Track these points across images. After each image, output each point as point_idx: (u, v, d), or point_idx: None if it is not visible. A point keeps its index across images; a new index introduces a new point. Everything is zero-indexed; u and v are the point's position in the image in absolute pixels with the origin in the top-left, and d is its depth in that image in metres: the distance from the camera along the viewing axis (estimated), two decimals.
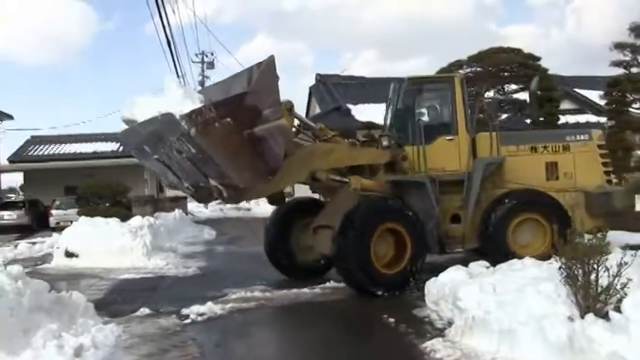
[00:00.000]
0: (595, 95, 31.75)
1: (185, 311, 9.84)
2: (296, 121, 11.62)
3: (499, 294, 7.69)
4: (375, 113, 21.84)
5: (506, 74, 28.32)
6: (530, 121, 25.07)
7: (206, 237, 24.66)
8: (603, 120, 28.22)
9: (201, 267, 15.71)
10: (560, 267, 6.89)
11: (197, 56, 49.33)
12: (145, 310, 10.01)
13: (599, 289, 6.48)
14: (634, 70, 27.56)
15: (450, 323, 8.18)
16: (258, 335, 9.33)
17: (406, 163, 12.09)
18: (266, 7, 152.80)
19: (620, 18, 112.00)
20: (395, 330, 8.58)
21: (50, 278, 11.15)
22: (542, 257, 9.66)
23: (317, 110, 34.58)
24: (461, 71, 28.22)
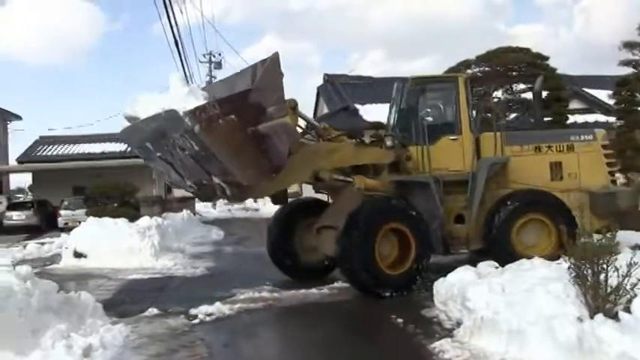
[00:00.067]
0: (604, 95, 31.61)
1: (193, 311, 9.85)
2: (302, 122, 11.60)
3: (508, 294, 7.66)
4: (383, 113, 21.66)
5: (514, 74, 28.18)
6: (533, 121, 24.96)
7: (214, 237, 24.67)
8: (612, 120, 28.11)
9: (209, 267, 15.72)
10: (569, 267, 6.87)
11: (205, 56, 49.52)
12: (154, 311, 10.01)
13: (608, 290, 6.46)
14: None
15: (459, 323, 8.17)
16: (266, 335, 9.35)
17: (410, 163, 12.04)
18: (273, 8, 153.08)
19: (628, 17, 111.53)
20: (403, 330, 8.58)
21: (59, 278, 11.17)
22: (547, 258, 9.60)
23: (325, 110, 34.56)
24: (469, 71, 28.23)
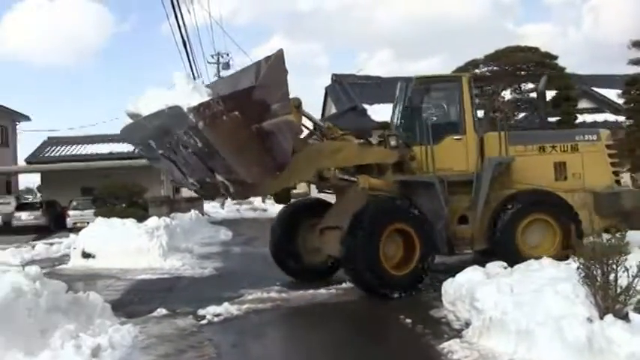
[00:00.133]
0: (613, 94, 31.47)
1: (201, 312, 9.85)
2: (309, 123, 11.57)
3: (517, 294, 7.64)
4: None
5: (522, 73, 28.15)
6: (538, 121, 24.87)
7: (222, 238, 24.70)
8: (622, 119, 28.01)
9: (217, 268, 15.74)
10: (578, 267, 6.83)
11: (213, 57, 49.51)
12: (162, 311, 10.02)
13: (618, 290, 6.43)
14: None
15: (468, 324, 8.15)
16: (274, 336, 9.36)
17: (414, 163, 12.01)
18: (281, 8, 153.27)
19: (638, 16, 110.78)
20: (412, 331, 8.57)
21: (67, 279, 11.17)
22: (551, 258, 9.56)
23: (333, 110, 34.49)
24: (477, 70, 28.19)
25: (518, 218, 11.58)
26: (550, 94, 27.37)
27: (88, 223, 21.01)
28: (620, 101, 28.35)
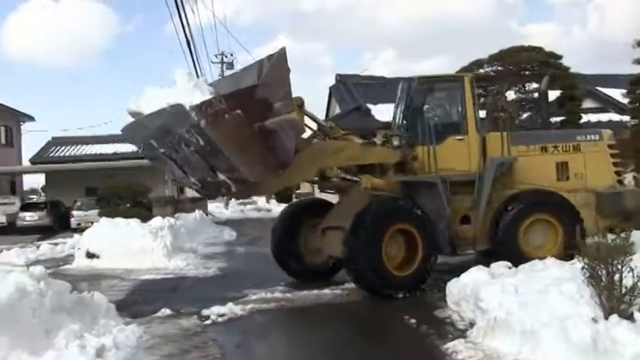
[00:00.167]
0: (617, 93, 31.42)
1: (206, 312, 9.86)
2: (312, 123, 11.55)
3: (521, 294, 7.62)
4: None
5: (527, 73, 28.10)
6: (540, 121, 24.83)
7: (226, 238, 24.71)
8: (626, 119, 27.94)
9: (221, 268, 15.76)
10: (583, 267, 6.82)
11: (217, 57, 49.46)
12: (166, 311, 10.03)
13: (623, 290, 6.42)
14: None
15: (472, 324, 8.14)
16: (278, 336, 9.35)
17: (416, 163, 11.96)
18: (285, 8, 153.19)
19: None
20: (416, 331, 8.56)
21: (72, 279, 11.17)
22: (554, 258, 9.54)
23: (337, 110, 34.46)
24: (481, 70, 28.15)
25: (520, 218, 11.55)
26: (554, 94, 27.39)
27: (92, 224, 21.03)
28: (624, 101, 28.30)
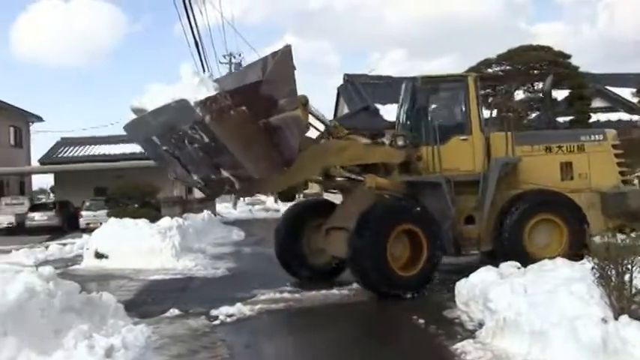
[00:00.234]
0: (627, 93, 31.31)
1: (214, 312, 9.86)
2: (317, 123, 11.51)
3: (530, 295, 7.59)
4: None
5: (535, 72, 28.01)
6: (545, 121, 24.76)
7: (234, 238, 24.74)
8: (636, 118, 27.86)
9: (230, 268, 15.77)
10: (592, 267, 6.79)
11: (225, 57, 49.42)
12: (175, 311, 10.04)
13: (633, 290, 6.40)
14: None
15: (481, 324, 8.11)
16: (287, 336, 9.35)
17: (420, 164, 11.93)
18: (293, 7, 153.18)
19: None
20: (425, 331, 8.55)
21: (81, 279, 11.20)
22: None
23: (345, 110, 34.41)
24: (490, 70, 28.09)
25: (525, 218, 11.52)
26: (563, 94, 27.36)
27: (101, 224, 21.10)
28: (634, 100, 28.21)
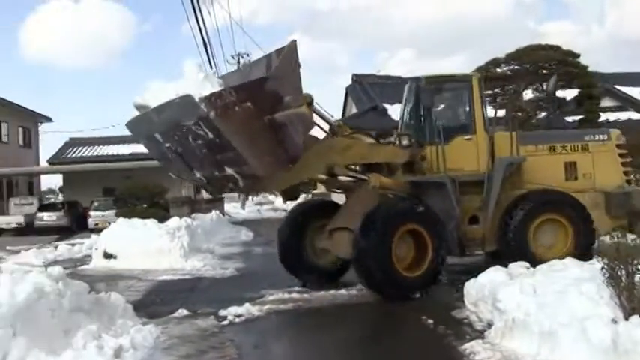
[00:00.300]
0: (637, 92, 31.22)
1: (223, 312, 9.86)
2: (321, 122, 11.49)
3: (540, 295, 7.56)
4: None
5: (544, 72, 27.90)
6: (550, 122, 24.69)
7: (243, 238, 24.76)
8: None
9: (238, 268, 15.77)
10: (602, 267, 6.76)
11: (233, 57, 49.43)
12: (183, 311, 10.04)
13: None
14: None
15: (490, 325, 8.09)
16: (295, 337, 9.34)
17: (425, 163, 11.86)
18: (301, 8, 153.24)
19: None
20: (434, 331, 8.53)
21: (89, 279, 11.21)
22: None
23: (353, 110, 34.36)
24: (498, 69, 28.02)
25: (530, 218, 11.45)
26: (572, 93, 27.27)
27: (110, 224, 21.16)
28: None
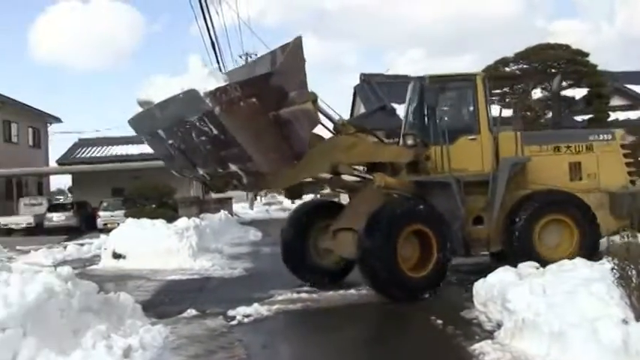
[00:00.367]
0: None
1: (231, 312, 9.85)
2: (330, 125, 11.46)
3: (549, 295, 7.51)
4: None
5: (553, 71, 27.81)
6: (553, 122, 24.58)
7: (251, 238, 24.79)
8: None
9: (247, 268, 15.78)
10: (612, 268, 6.74)
11: (241, 57, 49.47)
12: (192, 312, 10.05)
13: None
14: None
15: (499, 325, 8.05)
16: (304, 337, 9.33)
17: (429, 163, 11.82)
18: (310, 7, 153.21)
19: None
20: (443, 332, 8.51)
21: (98, 279, 11.25)
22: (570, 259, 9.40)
23: (362, 110, 34.33)
24: (507, 69, 27.97)
25: (535, 219, 11.41)
26: (582, 92, 27.19)
27: (118, 224, 21.21)
28: None
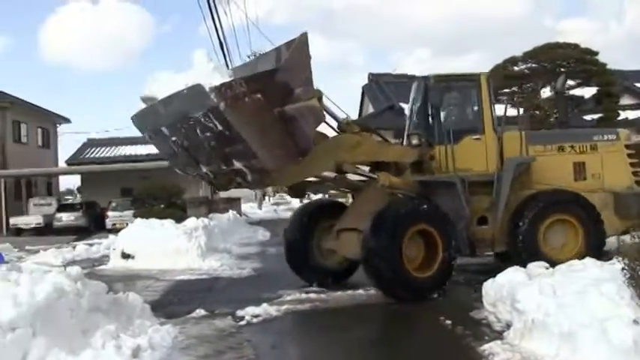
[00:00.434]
0: None
1: (240, 313, 9.84)
2: (334, 123, 11.44)
3: (559, 296, 7.48)
4: None
5: (562, 70, 27.73)
6: (559, 122, 24.49)
7: (260, 238, 24.80)
8: None
9: (255, 268, 15.78)
10: (623, 268, 6.70)
11: (249, 57, 49.43)
12: (201, 312, 10.05)
13: None
14: None
15: (509, 326, 8.01)
16: (313, 337, 9.30)
17: (433, 163, 11.80)
18: (317, 7, 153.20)
19: None
20: (452, 332, 8.48)
21: (107, 279, 11.27)
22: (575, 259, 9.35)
23: (370, 109, 34.32)
24: (516, 68, 27.90)
25: (539, 219, 11.38)
26: (591, 91, 27.09)
27: (127, 224, 21.24)
28: None
